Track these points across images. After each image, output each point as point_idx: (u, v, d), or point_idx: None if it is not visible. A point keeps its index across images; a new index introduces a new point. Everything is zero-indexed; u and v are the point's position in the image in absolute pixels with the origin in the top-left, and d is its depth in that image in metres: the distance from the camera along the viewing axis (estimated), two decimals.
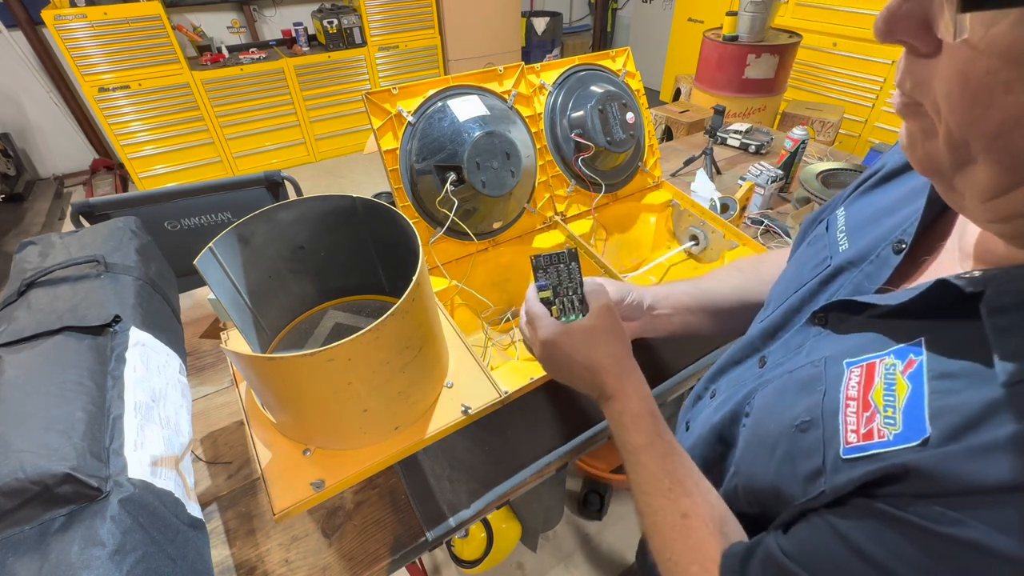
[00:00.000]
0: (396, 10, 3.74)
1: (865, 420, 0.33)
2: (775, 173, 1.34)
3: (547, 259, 0.58)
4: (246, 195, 1.36)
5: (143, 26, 3.02)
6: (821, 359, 0.39)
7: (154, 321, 0.64)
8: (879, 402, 0.33)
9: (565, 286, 0.59)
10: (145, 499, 0.46)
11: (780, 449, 0.39)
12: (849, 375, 0.36)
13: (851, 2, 2.88)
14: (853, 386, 0.35)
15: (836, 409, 0.35)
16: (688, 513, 0.44)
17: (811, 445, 0.36)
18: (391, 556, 0.66)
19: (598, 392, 0.55)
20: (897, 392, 0.32)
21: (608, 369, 0.53)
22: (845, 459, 0.33)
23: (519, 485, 0.75)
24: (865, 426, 0.33)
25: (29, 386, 0.48)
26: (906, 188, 0.44)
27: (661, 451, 0.48)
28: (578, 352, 0.55)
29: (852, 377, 0.36)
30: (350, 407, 0.57)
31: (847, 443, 0.33)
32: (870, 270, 0.42)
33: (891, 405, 0.32)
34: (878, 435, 0.32)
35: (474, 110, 0.88)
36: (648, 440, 0.49)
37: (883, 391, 0.33)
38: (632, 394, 0.52)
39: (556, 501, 1.29)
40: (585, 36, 5.40)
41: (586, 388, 0.56)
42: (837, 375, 0.37)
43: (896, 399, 0.32)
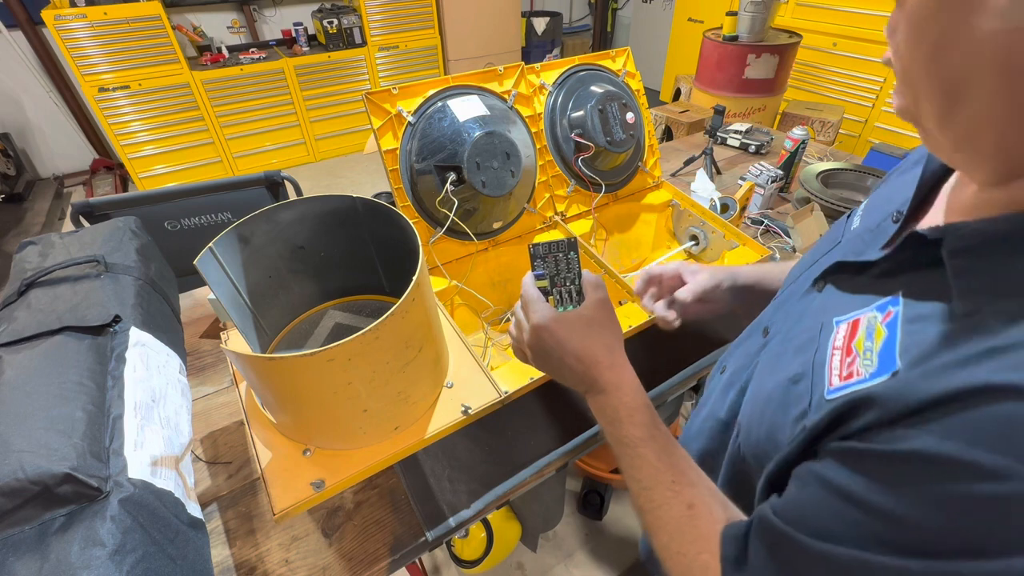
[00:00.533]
0: (396, 10, 3.74)
1: (847, 365, 0.36)
2: (775, 173, 1.34)
3: (545, 248, 0.57)
4: (246, 195, 1.36)
5: (143, 26, 3.02)
6: (818, 323, 0.42)
7: (154, 321, 0.64)
8: (860, 348, 0.36)
9: (563, 276, 0.58)
10: (145, 499, 0.46)
11: (774, 401, 0.42)
12: (837, 330, 0.39)
13: (851, 2, 2.88)
14: (840, 338, 0.39)
15: (824, 360, 0.39)
16: (694, 503, 0.44)
17: (801, 393, 0.39)
18: (391, 556, 0.66)
19: (588, 384, 0.53)
20: (876, 338, 0.36)
21: (601, 361, 0.52)
22: (828, 399, 0.36)
23: (519, 485, 0.75)
24: (846, 369, 0.36)
25: (29, 386, 0.48)
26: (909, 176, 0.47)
27: (660, 444, 0.48)
28: (571, 341, 0.53)
29: (840, 331, 0.39)
30: (350, 407, 0.57)
31: (831, 385, 0.37)
32: (869, 239, 0.45)
33: (869, 349, 0.35)
34: (856, 375, 0.35)
35: (474, 110, 0.88)
36: (646, 433, 0.48)
37: (864, 339, 0.37)
38: (627, 387, 0.51)
39: (556, 501, 1.29)
40: (585, 36, 5.40)
41: (575, 380, 0.54)
42: (828, 332, 0.40)
43: (874, 344, 0.35)
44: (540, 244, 0.58)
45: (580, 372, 0.53)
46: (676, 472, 0.46)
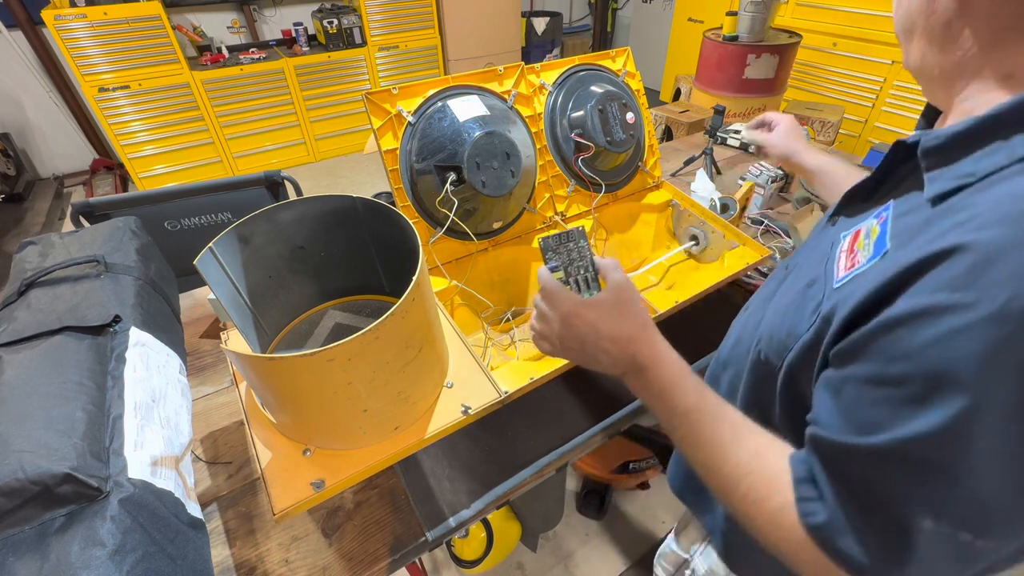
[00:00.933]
0: (396, 10, 3.74)
1: (850, 259, 0.43)
2: (775, 173, 1.34)
3: (556, 239, 0.58)
4: (246, 195, 1.36)
5: (143, 26, 3.02)
6: (829, 243, 0.49)
7: (154, 321, 0.64)
8: (860, 246, 0.43)
9: (576, 265, 0.58)
10: (145, 499, 0.46)
11: (793, 304, 0.48)
12: (843, 241, 0.47)
13: (851, 2, 2.88)
14: (845, 245, 0.46)
15: (832, 264, 0.46)
16: (759, 451, 0.45)
17: (815, 292, 0.46)
18: (391, 556, 0.66)
19: (627, 364, 0.53)
20: (872, 235, 0.42)
21: (637, 337, 0.53)
22: (835, 287, 0.43)
23: (519, 485, 0.75)
24: (849, 262, 0.43)
25: (29, 386, 0.48)
26: None
27: (712, 404, 0.49)
28: (603, 323, 0.54)
29: (845, 241, 0.46)
30: (350, 407, 0.57)
31: (837, 277, 0.44)
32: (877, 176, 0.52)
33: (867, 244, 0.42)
34: (856, 264, 0.42)
35: (474, 110, 0.88)
36: (697, 398, 0.49)
37: (863, 239, 0.43)
38: (667, 358, 0.52)
39: (556, 501, 1.29)
40: (585, 36, 5.40)
41: (611, 362, 0.54)
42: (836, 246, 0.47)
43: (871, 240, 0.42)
44: (550, 237, 0.59)
45: (616, 353, 0.53)
46: (734, 427, 0.47)
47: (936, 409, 0.32)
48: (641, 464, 1.58)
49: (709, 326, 1.00)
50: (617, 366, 0.54)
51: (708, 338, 0.97)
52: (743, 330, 0.61)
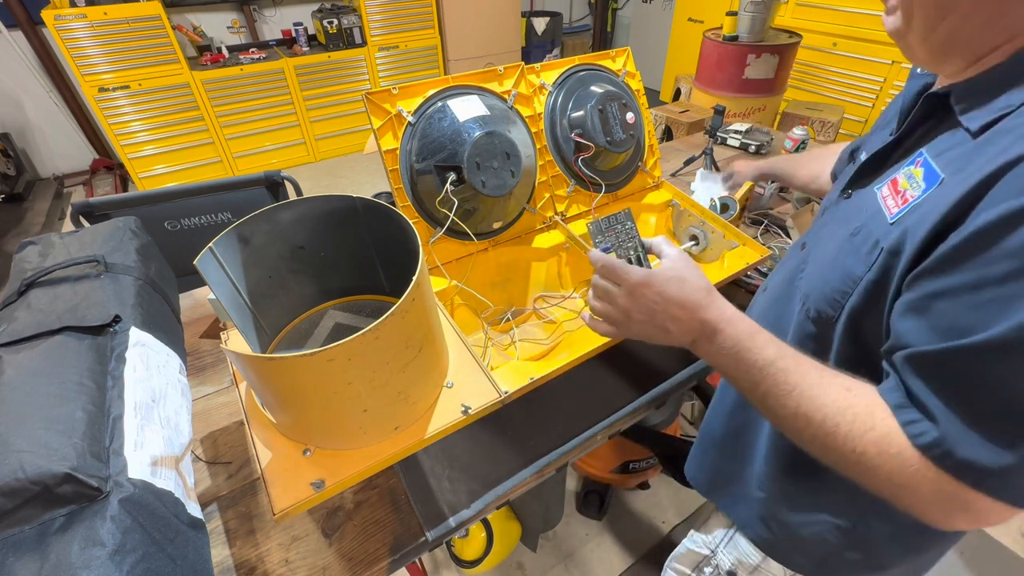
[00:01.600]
0: (396, 10, 3.74)
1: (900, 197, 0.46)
2: None
3: (605, 222, 0.60)
4: (246, 195, 1.36)
5: (143, 26, 3.02)
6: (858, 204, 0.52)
7: (154, 321, 0.64)
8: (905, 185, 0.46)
9: (626, 245, 0.60)
10: (145, 499, 0.46)
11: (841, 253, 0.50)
12: (880, 192, 0.49)
13: (851, 2, 2.88)
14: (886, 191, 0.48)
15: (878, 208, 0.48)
16: (849, 386, 0.46)
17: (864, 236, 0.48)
18: (391, 556, 0.66)
19: (698, 330, 0.54)
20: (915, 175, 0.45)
21: (707, 303, 0.54)
22: (892, 222, 0.45)
23: (519, 485, 0.75)
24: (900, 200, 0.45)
25: (29, 386, 0.48)
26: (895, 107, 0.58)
27: (792, 354, 0.50)
28: (671, 291, 0.55)
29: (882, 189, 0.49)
30: (350, 407, 0.57)
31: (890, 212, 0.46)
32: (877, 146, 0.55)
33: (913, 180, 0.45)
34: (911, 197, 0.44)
35: (474, 110, 0.88)
36: (777, 349, 0.50)
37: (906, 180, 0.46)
38: (737, 319, 0.53)
39: (556, 501, 1.29)
40: (585, 36, 5.40)
41: (682, 330, 0.55)
42: (872, 199, 0.50)
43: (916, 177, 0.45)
44: (599, 220, 0.62)
45: (687, 319, 0.55)
46: (818, 369, 0.48)
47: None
48: (641, 464, 1.58)
49: None
50: (689, 333, 0.55)
51: None
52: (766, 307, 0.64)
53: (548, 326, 1.00)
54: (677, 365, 0.93)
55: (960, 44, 0.43)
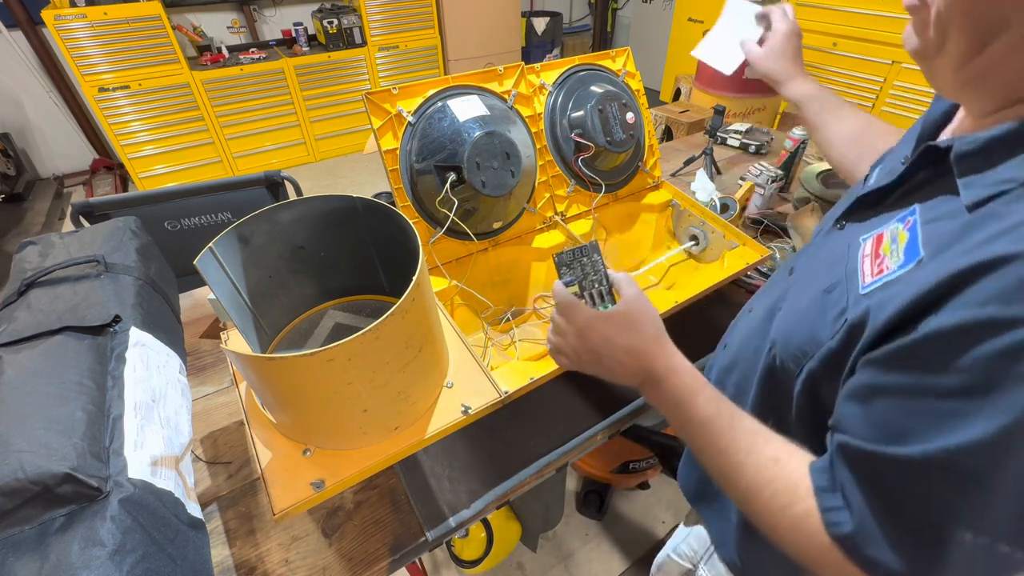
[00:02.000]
0: (396, 10, 3.74)
1: (877, 264, 0.42)
2: (775, 173, 1.34)
3: (570, 255, 0.59)
4: (246, 195, 1.36)
5: (143, 26, 3.02)
6: (844, 245, 0.48)
7: (154, 321, 0.64)
8: (887, 251, 0.42)
9: (591, 279, 0.59)
10: (145, 499, 0.46)
11: (812, 309, 0.47)
12: (864, 245, 0.45)
13: (851, 2, 2.88)
14: (868, 248, 0.44)
15: (855, 269, 0.44)
16: (778, 457, 0.45)
17: (837, 297, 0.44)
18: (391, 556, 0.66)
19: (643, 376, 0.54)
20: (900, 240, 0.41)
21: (652, 351, 0.54)
22: (863, 294, 0.41)
23: (519, 485, 0.75)
24: (877, 267, 0.42)
25: (29, 386, 0.48)
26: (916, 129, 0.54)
27: (729, 415, 0.49)
28: (618, 337, 0.55)
29: (866, 245, 0.45)
30: (350, 407, 0.57)
31: (864, 282, 0.42)
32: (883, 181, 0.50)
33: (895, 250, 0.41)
34: (887, 269, 0.40)
35: (474, 110, 0.88)
36: (715, 408, 0.50)
37: (889, 243, 0.42)
38: (683, 370, 0.53)
39: (556, 501, 1.29)
40: (585, 36, 5.40)
41: (627, 374, 0.55)
42: (855, 249, 0.46)
43: (899, 245, 0.41)
44: (564, 252, 0.60)
45: (632, 365, 0.55)
46: (752, 434, 0.47)
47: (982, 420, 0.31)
48: (641, 464, 1.58)
49: (709, 326, 1.00)
50: (633, 377, 0.55)
51: (708, 338, 0.97)
52: (748, 333, 0.61)
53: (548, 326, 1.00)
54: None
55: (998, 80, 0.37)
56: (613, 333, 0.55)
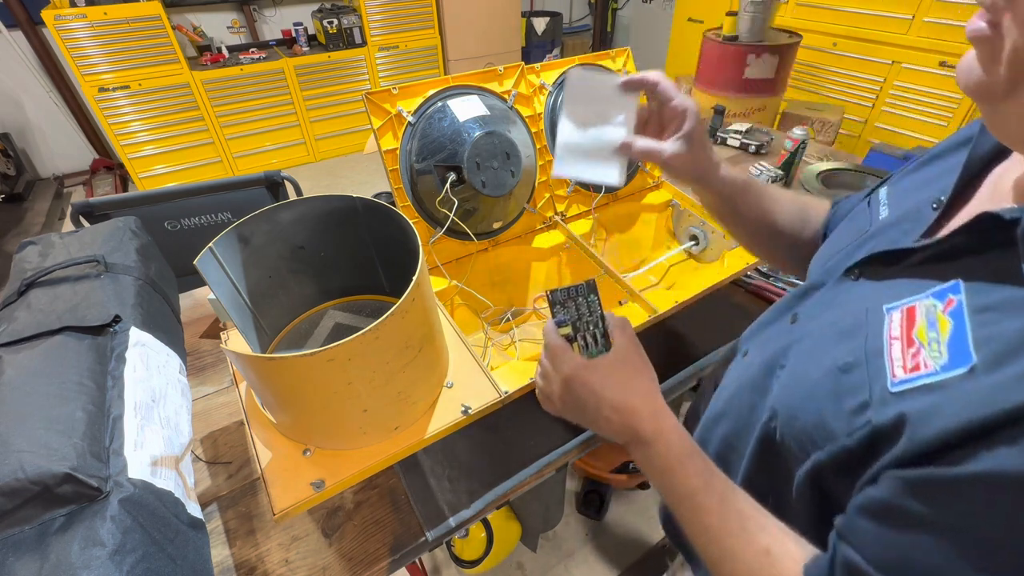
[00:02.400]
0: (396, 10, 3.73)
1: (911, 356, 0.34)
2: (775, 173, 1.34)
3: (564, 293, 0.54)
4: (246, 195, 1.36)
5: (143, 26, 3.01)
6: (862, 309, 0.40)
7: (154, 321, 0.64)
8: (923, 339, 0.34)
9: (585, 320, 0.55)
10: (145, 499, 0.46)
11: (823, 389, 0.40)
12: (890, 319, 0.37)
13: (851, 2, 2.88)
14: (896, 327, 0.36)
15: (880, 349, 0.36)
16: (770, 549, 0.40)
17: (856, 383, 0.37)
18: (391, 556, 0.66)
19: (629, 436, 0.50)
20: (940, 329, 0.33)
21: (641, 410, 0.49)
22: (894, 392, 0.34)
23: (519, 485, 0.75)
24: (912, 361, 0.34)
25: (29, 386, 0.48)
26: (948, 164, 0.46)
27: (720, 489, 0.44)
28: (607, 390, 0.50)
29: (893, 320, 0.37)
30: (350, 407, 0.57)
31: (894, 377, 0.34)
32: (907, 227, 0.43)
33: (935, 340, 0.33)
34: (924, 367, 0.32)
35: (474, 110, 0.88)
36: (704, 481, 0.45)
37: (926, 329, 0.34)
38: (672, 434, 0.48)
39: (556, 501, 1.28)
40: (585, 36, 5.40)
41: (613, 432, 0.51)
42: (878, 320, 0.38)
43: (940, 335, 0.33)
44: (558, 290, 0.55)
45: (619, 423, 0.50)
46: (744, 517, 0.43)
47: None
48: None
49: (709, 326, 1.00)
50: (619, 436, 0.51)
51: (708, 338, 0.98)
52: (742, 384, 0.54)
53: None
54: (677, 365, 0.93)
55: None
56: (600, 386, 0.50)
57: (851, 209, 0.59)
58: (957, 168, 0.43)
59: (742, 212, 0.64)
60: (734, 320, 1.02)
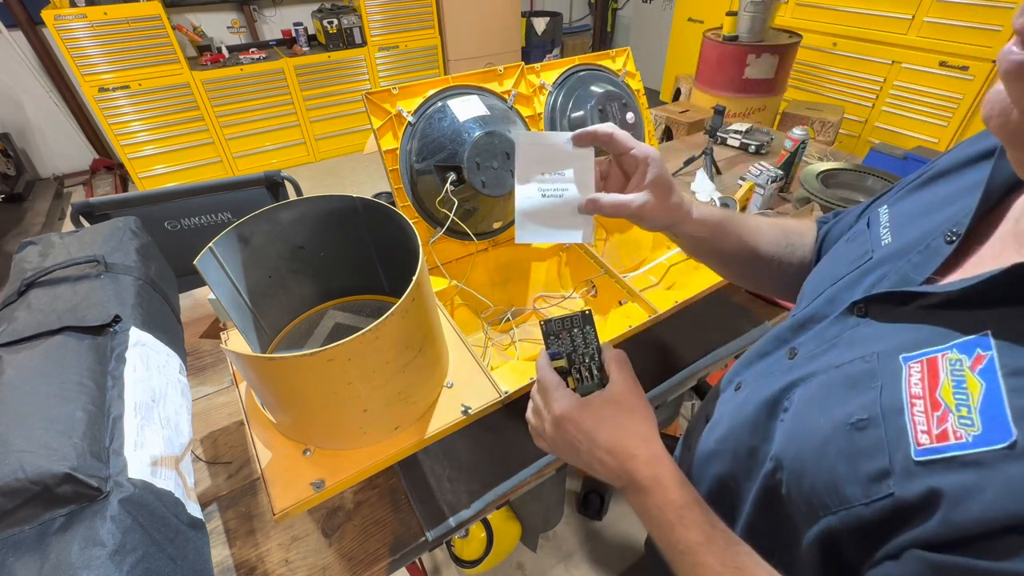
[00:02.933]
0: (396, 10, 3.74)
1: (937, 420, 0.31)
2: (775, 173, 1.34)
3: (559, 323, 0.52)
4: (246, 195, 1.36)
5: (143, 26, 3.02)
6: (872, 354, 0.37)
7: (154, 321, 0.64)
8: (949, 401, 0.31)
9: (580, 352, 0.52)
10: (145, 499, 0.46)
11: (834, 446, 0.36)
12: (908, 371, 0.34)
13: (851, 2, 2.88)
14: (916, 383, 0.33)
15: (899, 407, 0.33)
16: None
17: (872, 445, 0.33)
18: (391, 556, 0.66)
19: (625, 481, 0.47)
20: (969, 390, 0.30)
21: (637, 454, 0.46)
22: (919, 461, 0.30)
23: (519, 485, 0.75)
24: (938, 427, 0.30)
25: (29, 386, 0.48)
26: (958, 185, 0.43)
27: (721, 545, 0.41)
28: (600, 432, 0.47)
29: (912, 373, 0.33)
30: (350, 407, 0.57)
31: (919, 444, 0.31)
32: (918, 260, 0.40)
33: (964, 404, 0.30)
34: (954, 436, 0.29)
35: (474, 110, 0.88)
36: (704, 536, 0.42)
37: (952, 389, 0.31)
38: (670, 483, 0.45)
39: (556, 501, 1.29)
40: (585, 36, 5.40)
41: (608, 474, 0.48)
42: (894, 371, 0.35)
43: (969, 398, 0.30)
44: (553, 320, 0.52)
45: (614, 467, 0.47)
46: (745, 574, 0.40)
47: None
48: None
49: (709, 326, 1.00)
50: (615, 480, 0.48)
51: (708, 339, 0.98)
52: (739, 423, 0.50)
53: None
54: (677, 365, 0.93)
55: None
56: (594, 428, 0.47)
57: (848, 228, 0.55)
58: (970, 191, 0.39)
59: (722, 248, 0.60)
60: (734, 320, 1.02)
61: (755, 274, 0.65)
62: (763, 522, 0.46)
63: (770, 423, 0.45)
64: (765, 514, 0.46)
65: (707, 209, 0.57)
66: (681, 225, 0.55)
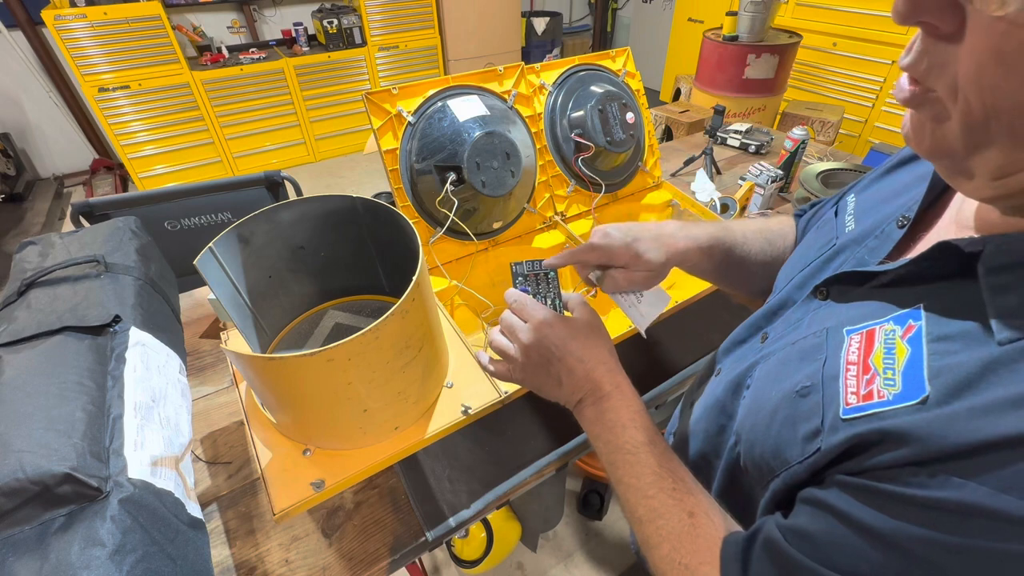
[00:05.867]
0: (396, 10, 3.74)
1: (865, 382, 0.34)
2: (775, 173, 1.34)
3: (529, 266, 0.60)
4: (246, 195, 1.36)
5: (143, 26, 3.02)
6: (823, 329, 0.40)
7: (154, 321, 0.64)
8: (879, 365, 0.33)
9: (544, 293, 0.59)
10: (145, 499, 0.46)
11: (780, 414, 0.39)
12: (849, 342, 0.37)
13: (851, 2, 2.88)
14: (853, 351, 0.36)
15: (836, 374, 0.36)
16: (694, 511, 0.42)
17: (811, 408, 0.36)
18: (391, 556, 0.66)
19: (589, 387, 0.51)
20: (897, 355, 0.33)
21: (605, 362, 0.51)
22: (845, 419, 0.33)
23: (519, 485, 0.75)
24: (865, 388, 0.33)
25: (29, 386, 0.48)
26: (915, 173, 0.46)
27: (660, 449, 0.46)
28: (575, 339, 0.51)
29: (852, 343, 0.36)
30: (350, 407, 0.57)
31: (847, 404, 0.34)
32: (873, 244, 0.43)
33: (891, 368, 0.33)
34: (877, 395, 0.32)
35: (474, 110, 0.88)
36: (649, 437, 0.46)
37: (883, 355, 0.34)
38: (629, 392, 0.50)
39: (556, 501, 1.28)
40: (585, 36, 5.40)
41: (572, 384, 0.51)
42: (838, 343, 0.38)
43: (896, 362, 0.33)
44: (523, 263, 0.60)
45: (581, 374, 0.51)
46: (676, 479, 0.44)
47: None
48: None
49: (709, 326, 1.00)
50: (578, 390, 0.51)
51: (707, 338, 0.98)
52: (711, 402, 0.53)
53: None
54: (677, 365, 0.93)
55: None
56: (570, 336, 0.52)
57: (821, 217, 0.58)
58: (923, 179, 0.42)
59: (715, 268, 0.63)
60: (734, 320, 1.02)
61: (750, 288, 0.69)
62: (730, 496, 0.49)
63: (735, 401, 0.49)
64: (730, 488, 0.49)
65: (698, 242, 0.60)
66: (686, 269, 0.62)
